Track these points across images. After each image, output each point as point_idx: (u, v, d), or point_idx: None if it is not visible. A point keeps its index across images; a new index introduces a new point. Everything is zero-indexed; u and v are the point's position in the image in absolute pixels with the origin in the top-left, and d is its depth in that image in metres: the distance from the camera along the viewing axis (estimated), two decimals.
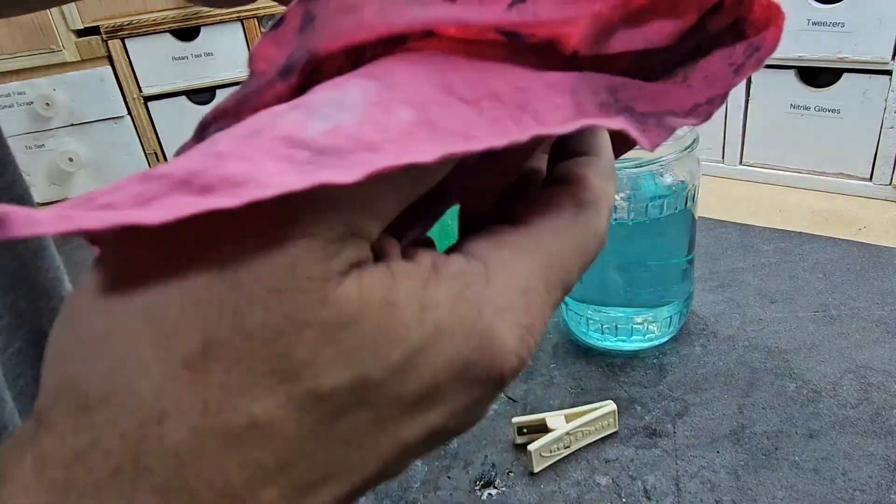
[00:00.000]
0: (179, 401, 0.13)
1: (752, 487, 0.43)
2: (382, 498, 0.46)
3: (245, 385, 0.13)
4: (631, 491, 0.44)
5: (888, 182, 0.77)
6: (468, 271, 0.15)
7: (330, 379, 0.13)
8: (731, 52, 0.17)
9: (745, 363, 0.54)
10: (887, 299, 0.59)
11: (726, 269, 0.67)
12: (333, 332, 0.13)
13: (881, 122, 0.76)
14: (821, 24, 0.76)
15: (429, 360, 0.14)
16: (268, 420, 0.13)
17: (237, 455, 0.13)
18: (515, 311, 0.15)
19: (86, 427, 0.13)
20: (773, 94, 0.82)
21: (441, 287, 0.14)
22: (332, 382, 0.13)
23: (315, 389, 0.13)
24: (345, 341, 0.13)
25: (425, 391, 0.14)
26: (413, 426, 0.15)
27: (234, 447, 0.13)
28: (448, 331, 0.14)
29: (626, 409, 0.51)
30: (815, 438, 0.46)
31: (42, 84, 1.04)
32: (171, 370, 0.13)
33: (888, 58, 0.73)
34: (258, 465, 0.13)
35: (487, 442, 0.49)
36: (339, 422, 0.14)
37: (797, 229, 0.73)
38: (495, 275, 0.15)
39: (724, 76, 0.17)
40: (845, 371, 0.52)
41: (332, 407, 0.13)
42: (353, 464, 0.14)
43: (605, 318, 0.56)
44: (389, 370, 0.14)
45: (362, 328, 0.13)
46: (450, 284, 0.14)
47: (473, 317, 0.14)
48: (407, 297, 0.14)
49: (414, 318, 0.14)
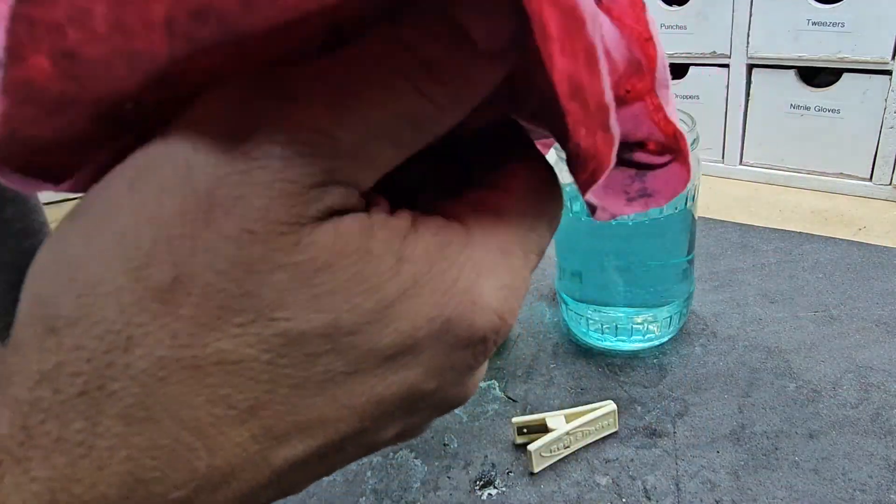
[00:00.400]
0: (147, 330, 0.12)
1: (752, 487, 0.43)
2: (382, 497, 0.46)
3: (214, 321, 0.13)
4: (631, 491, 0.44)
5: (888, 182, 0.77)
6: (448, 230, 0.15)
7: (301, 322, 0.13)
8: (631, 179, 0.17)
9: (745, 363, 0.54)
10: (887, 299, 0.59)
11: (726, 269, 0.67)
12: (306, 276, 0.13)
13: (881, 122, 0.76)
14: (821, 24, 0.76)
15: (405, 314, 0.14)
16: (237, 358, 0.13)
17: (205, 390, 0.13)
18: (497, 271, 0.15)
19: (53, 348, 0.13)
20: (772, 94, 0.83)
21: (420, 242, 0.14)
22: (304, 327, 0.13)
23: (286, 332, 0.13)
24: (318, 286, 0.13)
25: (402, 346, 0.14)
26: (390, 382, 0.14)
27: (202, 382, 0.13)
28: (426, 286, 0.14)
29: (626, 409, 0.51)
30: (815, 438, 0.46)
31: None
32: (140, 299, 0.13)
33: (888, 58, 0.73)
34: (227, 403, 0.13)
35: (487, 442, 0.49)
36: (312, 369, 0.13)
37: (797, 229, 0.73)
38: (475, 236, 0.15)
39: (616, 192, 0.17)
40: (845, 371, 0.52)
41: (304, 352, 0.13)
42: (327, 416, 0.14)
43: (605, 318, 0.56)
44: (363, 319, 0.13)
45: (336, 275, 0.13)
46: (429, 240, 0.14)
47: (453, 275, 0.14)
48: (384, 247, 0.14)
49: (390, 268, 0.14)
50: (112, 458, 0.12)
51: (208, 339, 0.13)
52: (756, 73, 0.83)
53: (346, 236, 0.13)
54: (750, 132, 0.86)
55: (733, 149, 0.88)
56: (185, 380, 0.13)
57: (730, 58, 0.83)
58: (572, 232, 0.55)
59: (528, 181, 0.17)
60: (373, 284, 0.13)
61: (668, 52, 0.88)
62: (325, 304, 0.13)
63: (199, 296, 0.12)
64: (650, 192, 0.17)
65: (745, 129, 0.86)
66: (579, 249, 0.56)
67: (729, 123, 0.87)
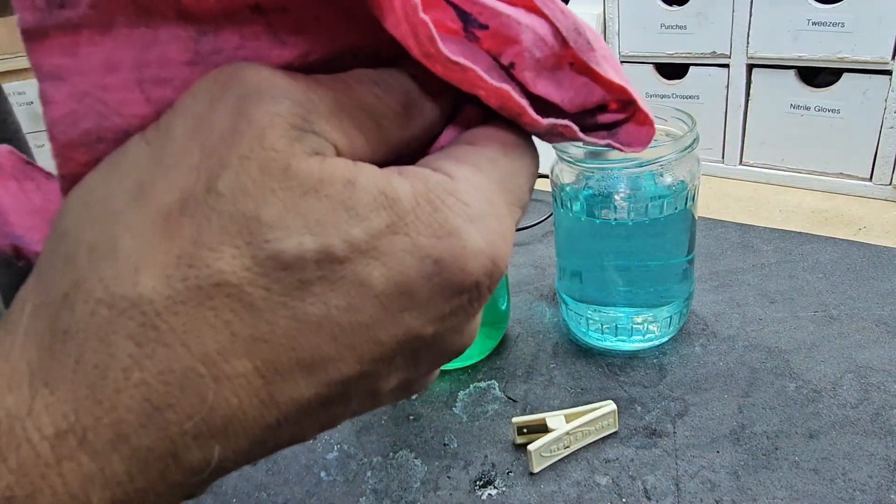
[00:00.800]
0: (154, 251, 0.14)
1: (752, 487, 0.43)
2: (382, 497, 0.46)
3: (214, 241, 0.14)
4: (631, 491, 0.44)
5: (888, 182, 0.77)
6: (432, 178, 0.15)
7: (293, 245, 0.14)
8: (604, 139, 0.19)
9: (745, 363, 0.54)
10: (887, 299, 0.59)
11: (726, 269, 0.67)
12: (296, 199, 0.14)
13: (881, 122, 0.76)
14: (821, 24, 0.76)
15: (394, 250, 0.14)
16: (236, 281, 0.14)
17: (209, 313, 0.14)
18: (484, 218, 0.16)
19: (70, 271, 0.14)
20: (773, 94, 0.83)
21: (405, 183, 0.15)
22: (295, 249, 0.14)
23: (279, 254, 0.14)
24: (307, 210, 0.14)
25: (396, 286, 0.15)
26: (389, 325, 0.15)
27: (205, 304, 0.14)
28: (413, 225, 0.15)
29: (626, 409, 0.51)
30: (815, 438, 0.46)
31: None
32: (149, 223, 0.14)
33: (888, 58, 0.73)
34: (230, 330, 0.14)
35: (487, 442, 0.49)
36: (308, 299, 0.14)
37: (797, 229, 0.73)
38: (459, 185, 0.16)
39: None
40: (845, 371, 0.52)
41: (297, 278, 0.14)
42: (327, 354, 0.15)
43: (605, 318, 0.56)
44: (352, 247, 0.14)
45: (323, 200, 0.14)
46: (414, 183, 0.15)
47: (440, 217, 0.15)
48: (369, 181, 0.15)
49: (375, 200, 0.14)
50: (128, 381, 0.13)
51: (209, 258, 0.14)
52: (756, 73, 0.83)
53: (332, 166, 0.14)
54: (750, 132, 0.86)
55: (733, 149, 0.88)
56: (190, 301, 0.13)
57: (730, 58, 0.83)
58: (572, 232, 0.55)
59: (503, 138, 0.17)
60: (359, 213, 0.14)
61: (668, 52, 0.88)
62: (315, 228, 0.14)
63: (201, 216, 0.14)
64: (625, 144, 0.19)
65: (745, 129, 0.86)
66: (579, 249, 0.56)
67: (729, 123, 0.87)
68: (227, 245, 0.14)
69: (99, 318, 0.13)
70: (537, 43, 0.16)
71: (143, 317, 0.13)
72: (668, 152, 0.48)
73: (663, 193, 0.50)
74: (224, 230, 0.14)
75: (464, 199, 0.15)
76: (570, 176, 0.52)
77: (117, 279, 0.13)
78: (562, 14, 0.16)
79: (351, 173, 0.14)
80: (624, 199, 0.50)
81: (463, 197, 0.15)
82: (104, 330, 0.13)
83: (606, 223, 0.51)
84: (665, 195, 0.50)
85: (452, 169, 0.16)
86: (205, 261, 0.13)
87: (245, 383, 0.14)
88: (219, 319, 0.14)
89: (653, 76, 0.91)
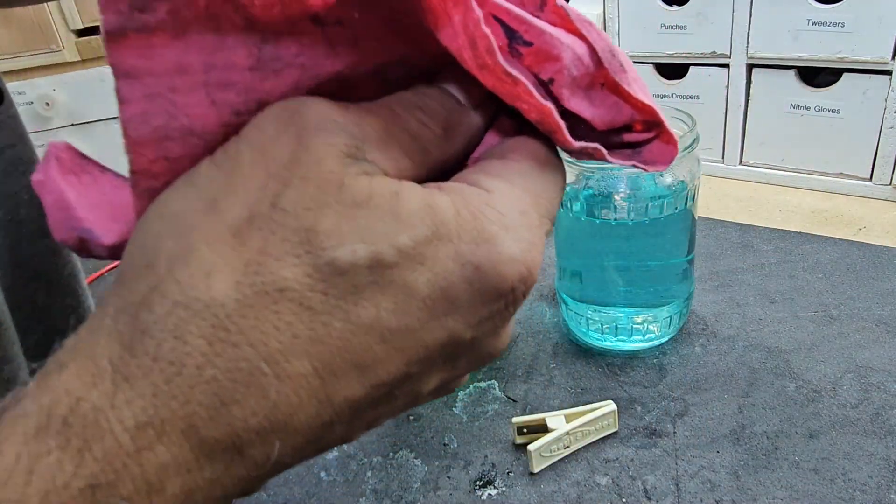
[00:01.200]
0: (225, 259, 0.15)
1: (752, 487, 0.43)
2: (382, 497, 0.46)
3: (278, 251, 0.15)
4: (631, 491, 0.44)
5: (888, 182, 0.77)
6: (468, 191, 0.17)
7: (347, 253, 0.15)
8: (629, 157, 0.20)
9: (745, 363, 0.54)
10: (887, 299, 0.59)
11: (726, 269, 0.67)
12: (349, 210, 0.15)
13: (881, 122, 0.76)
14: (821, 24, 0.76)
15: (437, 256, 0.16)
16: (297, 286, 0.15)
17: (272, 316, 0.15)
18: (517, 228, 0.17)
19: (150, 276, 0.15)
20: (773, 94, 0.82)
21: (444, 196, 0.17)
22: (349, 257, 0.15)
23: (334, 261, 0.15)
24: (359, 220, 0.15)
25: (439, 291, 0.16)
26: (433, 328, 0.16)
27: (270, 308, 0.15)
28: (453, 231, 0.16)
29: (626, 409, 0.51)
30: (815, 438, 0.46)
31: (42, 84, 1.04)
32: (220, 235, 0.15)
33: (888, 58, 0.73)
34: (291, 332, 0.15)
35: (487, 442, 0.49)
36: (361, 303, 0.15)
37: (797, 229, 0.73)
38: (493, 197, 0.17)
39: None
40: (845, 371, 0.52)
41: (351, 282, 0.15)
42: (378, 356, 0.16)
43: (605, 318, 0.56)
44: (400, 253, 0.15)
45: (373, 211, 0.15)
46: (452, 196, 0.17)
47: (478, 226, 0.16)
48: (412, 194, 0.16)
49: (419, 210, 0.16)
50: (200, 377, 0.15)
51: (273, 266, 0.15)
52: (756, 73, 0.83)
53: (379, 182, 0.16)
54: (750, 132, 0.86)
55: (733, 149, 0.88)
56: (256, 304, 0.15)
57: (730, 58, 0.83)
58: (572, 232, 0.55)
59: (535, 153, 0.19)
60: (405, 222, 0.16)
61: (668, 52, 0.88)
62: (367, 236, 0.15)
63: (267, 230, 0.15)
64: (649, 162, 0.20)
65: (745, 129, 0.86)
66: (579, 249, 0.56)
67: (729, 123, 0.87)
68: (289, 254, 0.15)
69: (175, 318, 0.15)
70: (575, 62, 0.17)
71: (215, 318, 0.15)
72: None
73: (663, 193, 0.50)
74: (287, 241, 0.15)
75: (499, 210, 0.17)
76: (571, 176, 0.52)
77: (193, 283, 0.15)
78: (599, 37, 0.18)
79: (396, 187, 0.16)
80: (624, 199, 0.50)
81: (499, 207, 0.17)
82: (180, 329, 0.15)
83: (606, 223, 0.51)
84: (665, 195, 0.50)
85: (488, 183, 0.17)
86: (270, 268, 0.15)
87: (305, 383, 0.15)
88: (281, 321, 0.15)
89: (653, 76, 0.91)
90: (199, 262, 0.15)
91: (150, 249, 0.16)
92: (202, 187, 0.16)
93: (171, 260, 0.15)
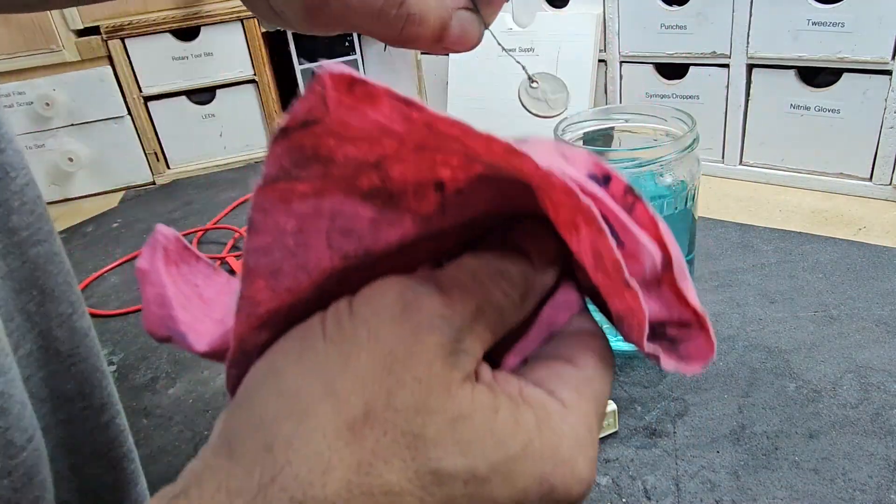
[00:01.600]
0: (341, 455, 0.16)
1: (752, 487, 0.43)
2: None
3: (388, 453, 0.16)
4: (631, 491, 0.44)
5: (888, 182, 0.78)
6: (549, 405, 0.18)
7: (449, 464, 0.16)
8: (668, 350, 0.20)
9: (745, 363, 0.54)
10: (887, 299, 0.59)
11: (726, 269, 0.67)
12: (454, 422, 0.16)
13: (881, 122, 0.76)
14: (821, 24, 0.76)
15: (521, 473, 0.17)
16: (399, 490, 0.16)
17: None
18: (586, 445, 0.18)
19: (269, 465, 0.16)
20: (773, 94, 0.83)
21: (529, 412, 0.18)
22: (451, 468, 0.16)
23: (437, 471, 0.16)
24: (462, 432, 0.16)
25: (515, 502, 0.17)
26: None
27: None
28: (537, 452, 0.17)
29: (626, 409, 0.51)
30: (815, 438, 0.46)
31: (42, 84, 1.04)
32: (339, 429, 0.16)
33: (888, 58, 0.73)
34: None
35: None
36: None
37: (797, 229, 0.73)
38: (570, 413, 0.18)
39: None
40: (845, 371, 0.52)
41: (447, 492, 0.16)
42: None
43: None
44: (492, 469, 0.16)
45: (474, 426, 0.16)
46: (536, 412, 0.18)
47: (557, 445, 0.17)
48: (505, 410, 0.17)
49: (511, 428, 0.17)
50: None
51: (382, 469, 0.16)
52: (756, 73, 0.83)
53: (480, 395, 0.17)
54: (750, 132, 0.86)
55: (733, 149, 0.88)
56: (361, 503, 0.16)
57: (730, 58, 0.83)
58: None
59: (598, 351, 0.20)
60: (499, 440, 0.17)
61: (668, 52, 0.88)
62: (467, 450, 0.16)
63: (380, 429, 0.16)
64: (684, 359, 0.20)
65: (745, 129, 0.86)
66: None
67: (729, 123, 0.87)
68: (397, 457, 0.16)
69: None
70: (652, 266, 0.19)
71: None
72: (668, 152, 0.48)
73: (663, 193, 0.50)
74: (396, 443, 0.16)
75: (574, 427, 0.18)
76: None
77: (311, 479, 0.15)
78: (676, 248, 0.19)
79: (493, 401, 0.17)
80: None
81: (572, 425, 0.18)
82: None
83: None
84: (665, 195, 0.50)
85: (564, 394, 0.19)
86: (379, 471, 0.16)
87: None
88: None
89: (653, 76, 0.91)
90: (318, 457, 0.16)
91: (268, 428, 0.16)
92: (319, 366, 0.17)
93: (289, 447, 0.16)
